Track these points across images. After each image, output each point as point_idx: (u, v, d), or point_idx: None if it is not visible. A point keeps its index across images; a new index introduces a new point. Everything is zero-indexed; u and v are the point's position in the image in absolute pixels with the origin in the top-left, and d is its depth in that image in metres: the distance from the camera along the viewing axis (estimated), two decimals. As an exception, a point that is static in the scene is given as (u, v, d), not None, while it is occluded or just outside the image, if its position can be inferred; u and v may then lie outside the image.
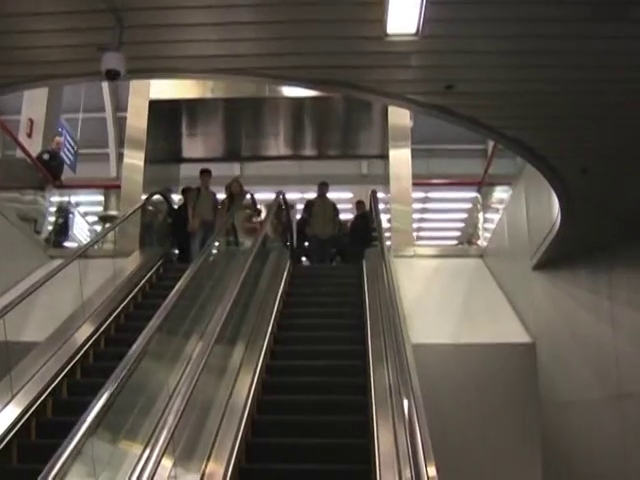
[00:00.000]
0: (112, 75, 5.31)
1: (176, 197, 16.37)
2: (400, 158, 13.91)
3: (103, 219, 15.19)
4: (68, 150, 16.97)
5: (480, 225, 15.47)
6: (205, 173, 14.69)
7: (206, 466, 6.32)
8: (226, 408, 7.39)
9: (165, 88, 14.20)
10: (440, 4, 5.25)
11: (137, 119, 14.21)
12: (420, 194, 17.50)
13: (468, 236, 17.15)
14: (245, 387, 7.96)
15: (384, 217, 13.64)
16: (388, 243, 13.43)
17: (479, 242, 14.96)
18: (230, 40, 5.80)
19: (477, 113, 6.39)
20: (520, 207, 10.66)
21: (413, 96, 6.21)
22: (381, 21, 5.34)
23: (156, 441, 5.37)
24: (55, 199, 14.94)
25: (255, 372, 8.39)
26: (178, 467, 5.97)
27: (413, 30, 5.40)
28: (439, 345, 10.07)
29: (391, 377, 7.39)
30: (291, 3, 5.45)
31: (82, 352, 9.04)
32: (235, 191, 14.84)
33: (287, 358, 9.38)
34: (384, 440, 6.45)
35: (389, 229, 13.72)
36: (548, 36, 5.69)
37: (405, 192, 13.71)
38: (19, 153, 14.25)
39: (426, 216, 19.82)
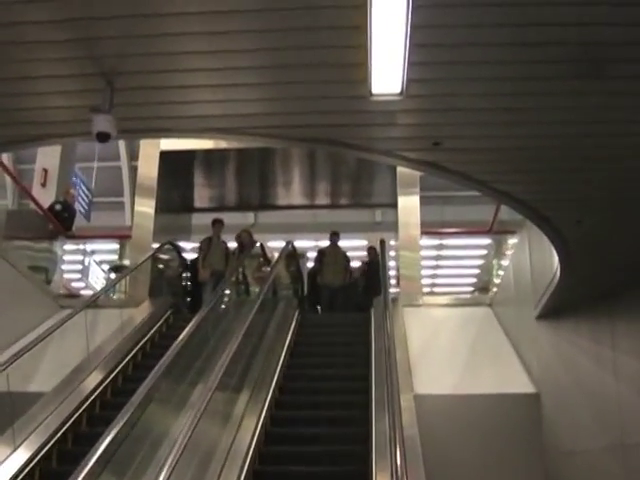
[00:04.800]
0: (103, 137, 5.59)
1: (188, 246, 16.66)
2: (408, 205, 14.14)
3: (115, 269, 15.49)
4: (82, 199, 17.31)
5: (494, 273, 15.60)
6: (217, 223, 14.96)
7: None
8: (227, 458, 7.58)
9: (176, 139, 14.50)
10: (422, 65, 5.50)
11: (148, 168, 14.54)
12: (434, 241, 17.61)
13: (483, 284, 17.24)
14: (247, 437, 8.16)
15: (393, 265, 13.83)
16: (397, 291, 13.62)
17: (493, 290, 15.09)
18: (220, 101, 6.08)
19: (466, 168, 6.62)
20: (524, 255, 10.84)
21: (402, 152, 6.45)
22: (366, 81, 5.59)
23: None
24: (69, 247, 15.27)
25: (258, 423, 8.57)
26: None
27: (397, 90, 5.64)
28: (443, 396, 10.20)
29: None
30: (280, 66, 5.72)
31: (88, 402, 9.25)
32: (245, 241, 15.10)
33: (291, 408, 9.55)
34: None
35: (398, 277, 13.90)
36: (534, 93, 5.91)
37: (413, 240, 13.92)
38: (32, 203, 14.60)
39: (441, 263, 19.90)
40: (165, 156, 14.62)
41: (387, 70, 5.50)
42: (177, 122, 6.39)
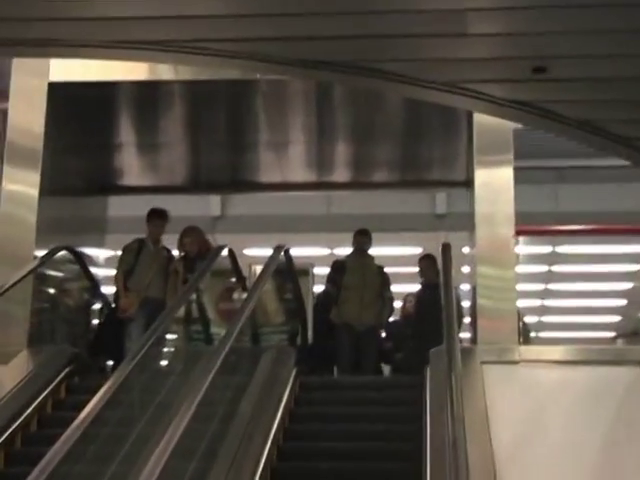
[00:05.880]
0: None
1: (101, 254, 16.68)
2: (494, 184, 13.97)
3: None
4: None
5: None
6: (156, 216, 14.88)
7: None
8: None
9: (79, 63, 14.35)
10: None
11: (27, 115, 14.44)
12: (541, 249, 17.65)
13: (633, 326, 17.30)
14: None
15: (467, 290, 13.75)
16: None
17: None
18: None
19: (594, 114, 6.54)
20: None
21: (478, 86, 6.37)
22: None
23: None
24: None
25: None
26: None
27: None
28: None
29: None
30: None
31: None
32: (191, 249, 14.94)
33: None
34: None
35: (474, 312, 13.81)
36: None
37: (504, 245, 13.76)
38: None
39: (554, 288, 19.93)
40: (59, 93, 14.51)
41: None
42: (78, 28, 6.32)
